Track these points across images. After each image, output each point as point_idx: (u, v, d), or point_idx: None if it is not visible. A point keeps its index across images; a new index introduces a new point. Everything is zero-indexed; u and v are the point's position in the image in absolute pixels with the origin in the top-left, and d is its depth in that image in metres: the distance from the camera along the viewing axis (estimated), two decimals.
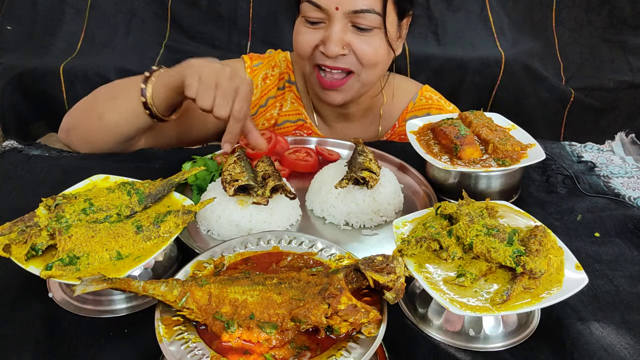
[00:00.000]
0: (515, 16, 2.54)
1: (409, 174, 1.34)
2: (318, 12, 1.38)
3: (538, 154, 1.19)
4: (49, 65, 2.26)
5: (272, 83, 1.67)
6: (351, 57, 1.42)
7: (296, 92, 1.67)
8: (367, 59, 1.42)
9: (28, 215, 0.94)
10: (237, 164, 1.16)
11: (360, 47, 1.40)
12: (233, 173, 1.12)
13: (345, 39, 1.39)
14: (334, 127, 1.69)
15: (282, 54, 1.69)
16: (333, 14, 1.36)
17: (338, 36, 1.37)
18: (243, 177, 1.10)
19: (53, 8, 2.42)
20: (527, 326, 0.91)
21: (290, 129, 1.67)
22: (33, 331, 0.87)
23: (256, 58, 1.68)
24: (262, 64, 1.67)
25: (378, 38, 1.41)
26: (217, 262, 0.85)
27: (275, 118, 1.67)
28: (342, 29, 1.38)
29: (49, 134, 2.40)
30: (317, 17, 1.39)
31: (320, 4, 1.36)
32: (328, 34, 1.38)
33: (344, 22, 1.37)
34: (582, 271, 0.85)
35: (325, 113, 1.67)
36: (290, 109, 1.67)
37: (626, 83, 2.43)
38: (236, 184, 1.08)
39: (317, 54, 1.43)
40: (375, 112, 1.68)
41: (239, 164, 1.16)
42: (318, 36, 1.41)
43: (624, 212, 1.21)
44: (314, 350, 0.70)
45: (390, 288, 0.75)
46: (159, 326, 0.72)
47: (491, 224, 0.89)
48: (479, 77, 2.38)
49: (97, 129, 1.40)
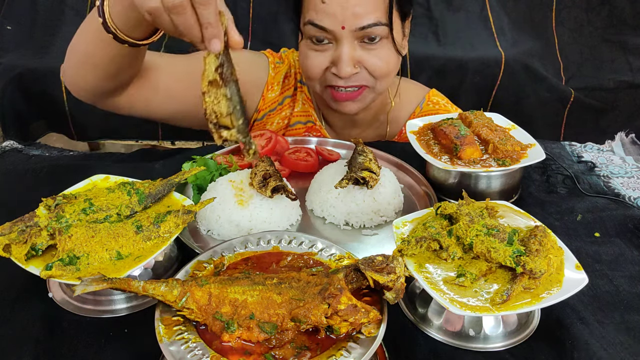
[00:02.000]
0: (515, 16, 2.54)
1: (409, 174, 1.34)
2: (323, 33, 1.34)
3: (538, 154, 1.19)
4: (49, 65, 2.25)
5: (290, 83, 1.65)
6: (363, 72, 1.39)
7: (307, 92, 1.66)
8: (380, 72, 1.40)
9: (28, 215, 0.94)
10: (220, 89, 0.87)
11: (372, 62, 1.37)
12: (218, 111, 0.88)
13: (355, 57, 1.36)
14: (342, 134, 1.68)
15: (295, 54, 1.66)
16: (340, 33, 1.32)
17: (348, 56, 1.34)
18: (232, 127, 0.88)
19: (53, 8, 2.42)
20: (527, 326, 0.91)
21: (301, 130, 1.66)
22: (33, 331, 0.87)
23: (276, 56, 1.66)
24: (282, 64, 1.64)
25: (387, 48, 1.39)
26: (217, 262, 0.85)
27: (288, 118, 1.66)
28: (351, 47, 1.34)
29: (49, 134, 2.40)
30: (322, 37, 1.35)
31: (325, 26, 1.32)
32: (338, 55, 1.35)
33: (351, 40, 1.34)
34: (582, 271, 0.85)
35: (334, 120, 1.66)
36: (302, 109, 1.66)
37: (626, 83, 2.43)
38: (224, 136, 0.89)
39: (329, 76, 1.40)
40: (383, 118, 1.67)
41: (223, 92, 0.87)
42: (327, 58, 1.38)
43: (624, 212, 1.21)
44: (314, 350, 0.70)
45: (390, 288, 0.75)
46: (159, 326, 0.72)
47: (491, 224, 0.89)
48: (479, 77, 2.38)
49: (75, 65, 1.27)
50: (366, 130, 1.68)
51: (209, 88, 0.87)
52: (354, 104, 1.46)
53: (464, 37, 2.47)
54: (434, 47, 2.43)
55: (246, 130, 0.90)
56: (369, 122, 1.66)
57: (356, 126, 1.66)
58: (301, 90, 1.66)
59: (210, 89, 0.87)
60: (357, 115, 1.59)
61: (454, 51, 2.42)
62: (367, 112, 1.61)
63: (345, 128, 1.67)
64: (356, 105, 1.47)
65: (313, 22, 1.34)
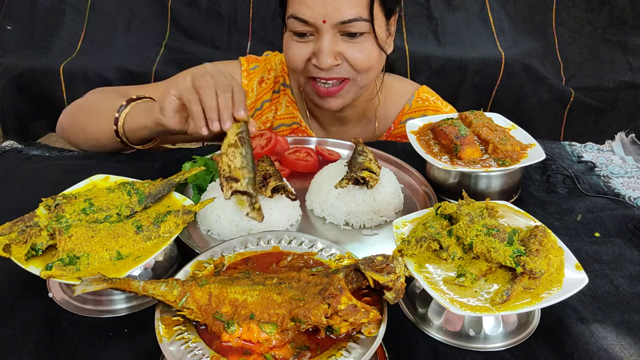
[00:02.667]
0: (515, 16, 2.54)
1: (409, 174, 1.34)
2: (305, 26, 1.37)
3: (538, 154, 1.19)
4: (49, 65, 2.26)
5: (267, 86, 1.66)
6: (344, 65, 1.41)
7: (291, 95, 1.67)
8: (361, 65, 1.41)
9: (28, 215, 0.94)
10: (237, 149, 1.03)
11: (352, 54, 1.39)
12: (232, 166, 1.01)
13: (336, 49, 1.38)
14: (330, 131, 1.69)
15: (278, 57, 1.68)
16: (321, 27, 1.35)
17: (329, 48, 1.37)
18: (242, 178, 1.00)
19: (53, 8, 2.42)
20: (527, 326, 0.91)
21: (285, 132, 1.67)
22: (33, 331, 0.87)
23: (253, 61, 1.67)
24: (258, 67, 1.66)
25: (369, 43, 1.40)
26: (217, 262, 0.85)
27: (270, 121, 1.67)
28: (332, 40, 1.37)
29: (49, 134, 2.40)
30: (305, 30, 1.38)
31: (307, 19, 1.35)
32: (319, 47, 1.37)
33: (332, 33, 1.36)
34: (582, 271, 0.85)
35: (322, 117, 1.66)
36: (285, 112, 1.67)
37: (626, 83, 2.44)
38: (234, 187, 1.00)
39: (310, 67, 1.42)
40: (371, 115, 1.67)
41: (240, 151, 1.03)
42: (308, 49, 1.40)
43: (624, 212, 1.21)
44: (314, 350, 0.70)
45: (390, 288, 0.75)
46: (159, 326, 0.72)
47: (491, 224, 0.89)
48: (479, 77, 2.38)
49: (81, 138, 1.48)
50: (355, 128, 1.68)
51: (227, 149, 1.03)
52: (336, 100, 1.48)
53: (464, 37, 2.48)
54: (433, 47, 2.43)
55: (255, 186, 1.01)
56: (356, 119, 1.67)
57: (344, 123, 1.67)
58: (284, 92, 1.67)
59: (229, 149, 1.02)
60: (344, 112, 1.60)
61: (454, 51, 2.42)
62: (354, 109, 1.62)
63: (333, 125, 1.68)
64: (339, 101, 1.48)
65: (296, 15, 1.37)
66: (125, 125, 1.33)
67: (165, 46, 2.45)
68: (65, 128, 1.52)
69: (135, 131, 1.33)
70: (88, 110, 1.48)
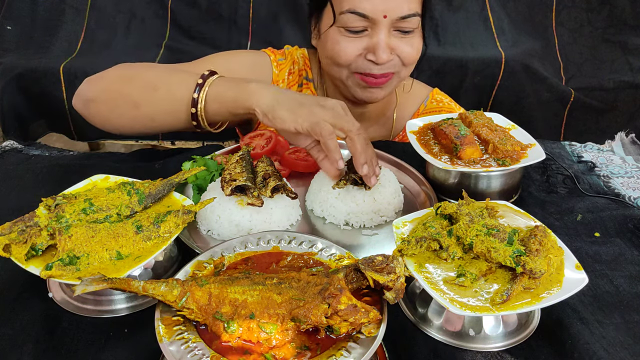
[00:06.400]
0: (515, 16, 2.54)
1: (409, 174, 1.34)
2: (364, 21, 1.37)
3: (538, 154, 1.19)
4: (49, 65, 2.26)
5: (294, 79, 1.65)
6: (395, 60, 1.43)
7: (313, 89, 1.66)
8: (409, 59, 1.44)
9: (28, 215, 0.94)
10: (238, 163, 1.16)
11: (404, 49, 1.41)
12: (233, 173, 1.13)
13: (391, 44, 1.40)
14: None
15: (300, 51, 1.68)
16: (380, 21, 1.36)
17: (386, 43, 1.38)
18: (241, 177, 1.10)
19: (53, 8, 2.42)
20: (527, 326, 0.91)
21: None
22: (33, 331, 0.87)
23: (279, 53, 1.66)
24: (285, 60, 1.65)
25: (417, 37, 1.44)
26: (217, 262, 0.85)
27: None
28: (388, 35, 1.38)
29: (49, 134, 2.40)
30: (361, 26, 1.38)
31: (367, 14, 1.35)
32: (375, 42, 1.38)
33: (388, 28, 1.38)
34: (582, 271, 0.85)
35: None
36: None
37: (626, 83, 2.43)
38: (233, 184, 1.08)
39: (361, 62, 1.42)
40: (389, 115, 1.68)
41: (240, 164, 1.16)
42: (362, 45, 1.40)
43: (624, 212, 1.21)
44: (314, 350, 0.70)
45: (390, 288, 0.75)
46: (159, 326, 0.72)
47: (491, 224, 0.89)
48: (479, 77, 2.38)
49: (128, 115, 1.28)
50: (373, 126, 1.69)
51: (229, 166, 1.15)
52: (381, 91, 1.49)
53: (464, 37, 2.48)
54: (433, 46, 2.43)
55: (254, 184, 1.11)
56: (376, 116, 1.67)
57: (364, 120, 1.66)
58: (307, 86, 1.66)
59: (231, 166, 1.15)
60: (367, 108, 1.60)
61: (454, 51, 2.42)
62: (376, 106, 1.62)
63: None
64: (383, 92, 1.50)
65: (355, 10, 1.36)
66: (207, 105, 1.21)
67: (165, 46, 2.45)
68: (98, 99, 1.30)
69: (215, 115, 1.23)
70: (142, 83, 1.28)
